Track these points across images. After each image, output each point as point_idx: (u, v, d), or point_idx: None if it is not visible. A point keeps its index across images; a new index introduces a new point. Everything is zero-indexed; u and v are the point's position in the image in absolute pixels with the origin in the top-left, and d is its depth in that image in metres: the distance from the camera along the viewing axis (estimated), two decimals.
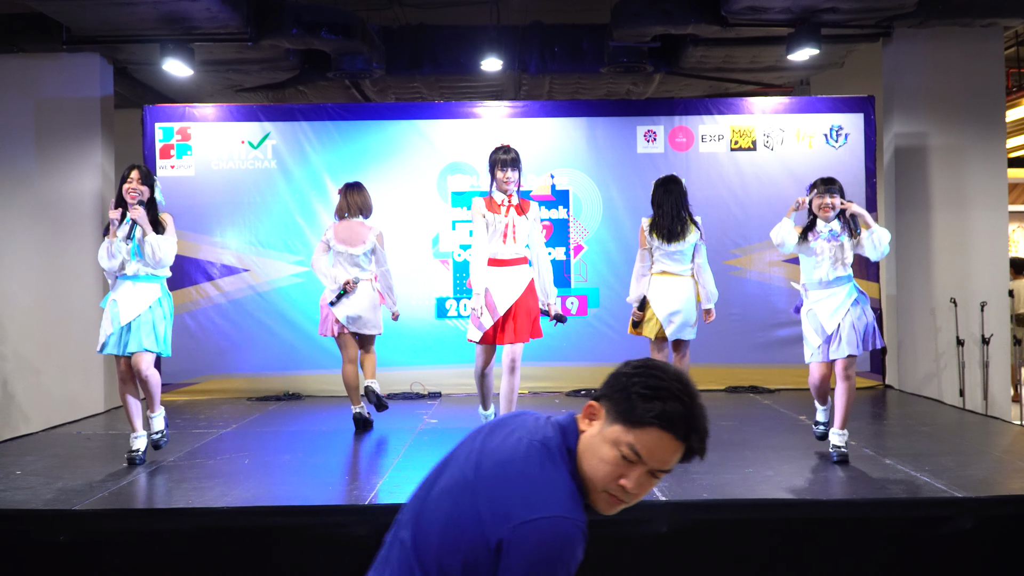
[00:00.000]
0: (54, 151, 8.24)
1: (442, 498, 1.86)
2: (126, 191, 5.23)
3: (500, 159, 5.46)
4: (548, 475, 1.81)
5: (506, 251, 5.55)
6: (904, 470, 4.77)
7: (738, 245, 8.39)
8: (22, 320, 8.19)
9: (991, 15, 7.72)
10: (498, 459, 1.85)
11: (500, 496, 1.79)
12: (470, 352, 8.06)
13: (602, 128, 8.52)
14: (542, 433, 1.88)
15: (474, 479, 1.84)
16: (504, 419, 1.97)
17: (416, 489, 1.92)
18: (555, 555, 1.74)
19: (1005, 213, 8.30)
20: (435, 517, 1.84)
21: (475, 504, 1.80)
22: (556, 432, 1.89)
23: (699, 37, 8.26)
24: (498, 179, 5.47)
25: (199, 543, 4.11)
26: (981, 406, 7.94)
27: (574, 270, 8.45)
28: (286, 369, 8.26)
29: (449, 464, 1.94)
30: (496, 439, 1.91)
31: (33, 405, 8.13)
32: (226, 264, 8.40)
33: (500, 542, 1.74)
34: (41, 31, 7.79)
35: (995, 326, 8.05)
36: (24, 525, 4.17)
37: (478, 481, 1.83)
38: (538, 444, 1.85)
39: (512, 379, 5.41)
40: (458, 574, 1.78)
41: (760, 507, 4.24)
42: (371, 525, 4.08)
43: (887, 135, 8.47)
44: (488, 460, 1.86)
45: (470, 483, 1.84)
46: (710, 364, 8.23)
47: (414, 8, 8.69)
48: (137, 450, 5.25)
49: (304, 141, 8.46)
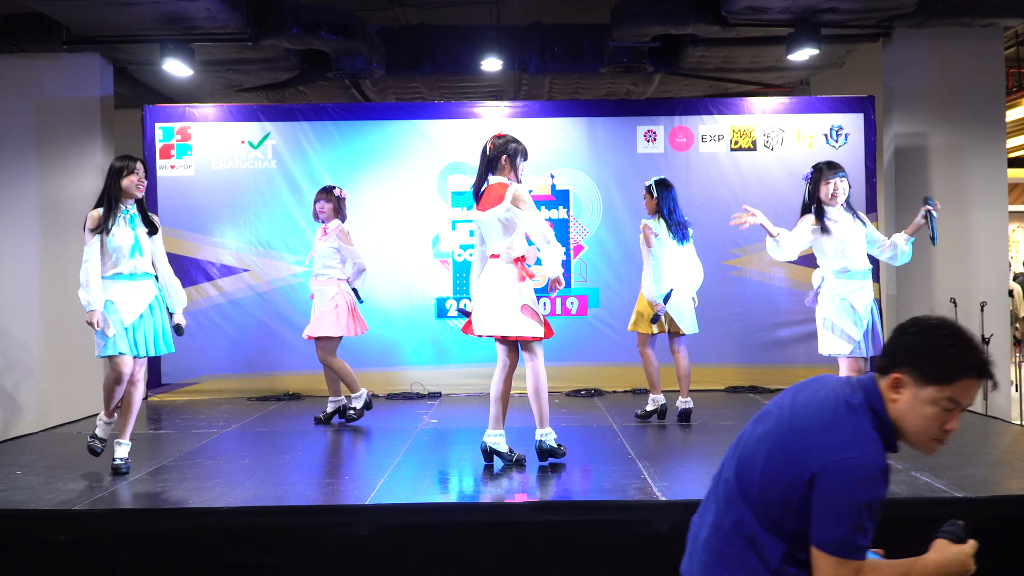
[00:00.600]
0: (54, 151, 8.24)
1: (760, 443, 2.25)
2: (135, 184, 5.02)
3: (522, 149, 5.19)
4: (854, 424, 2.17)
5: None
6: (904, 470, 4.77)
7: (738, 245, 8.39)
8: (22, 320, 8.19)
9: (991, 15, 7.72)
10: (810, 410, 2.22)
11: (814, 439, 2.16)
12: (470, 352, 8.14)
13: (602, 128, 8.52)
14: (847, 391, 2.24)
15: (789, 426, 2.22)
16: (810, 380, 2.34)
17: (735, 441, 2.32)
18: (860, 486, 2.11)
19: (1005, 213, 8.30)
20: (755, 459, 2.23)
21: (791, 445, 2.18)
22: (859, 391, 2.24)
23: (699, 37, 8.27)
24: (520, 169, 5.19)
25: (199, 543, 4.11)
26: (981, 406, 7.94)
27: (574, 270, 8.45)
28: (286, 369, 8.26)
29: (764, 418, 2.31)
30: (806, 394, 2.28)
31: (33, 405, 8.14)
32: (226, 264, 8.40)
33: (813, 476, 2.12)
34: (41, 31, 7.80)
35: (995, 326, 8.06)
36: (24, 525, 4.16)
37: (793, 427, 2.21)
38: (844, 399, 2.21)
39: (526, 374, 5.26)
40: (776, 503, 2.16)
41: None
42: (371, 525, 4.09)
43: (887, 135, 8.47)
44: (801, 410, 2.23)
45: (785, 429, 2.22)
46: (710, 364, 8.24)
47: (414, 8, 8.69)
48: (122, 459, 5.01)
49: (304, 141, 8.46)
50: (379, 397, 8.27)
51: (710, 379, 8.18)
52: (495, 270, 5.06)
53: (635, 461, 5.16)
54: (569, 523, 4.14)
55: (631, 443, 5.77)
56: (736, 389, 8.24)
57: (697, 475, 4.75)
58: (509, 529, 4.16)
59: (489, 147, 5.15)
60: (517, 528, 4.16)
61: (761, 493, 2.19)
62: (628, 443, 5.77)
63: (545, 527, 4.13)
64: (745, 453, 2.28)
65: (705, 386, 8.12)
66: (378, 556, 4.08)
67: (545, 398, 5.06)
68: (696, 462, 5.16)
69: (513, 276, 5.04)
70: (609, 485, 4.78)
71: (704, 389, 7.96)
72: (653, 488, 4.44)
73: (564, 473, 5.18)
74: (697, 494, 4.33)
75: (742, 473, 2.25)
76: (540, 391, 5.03)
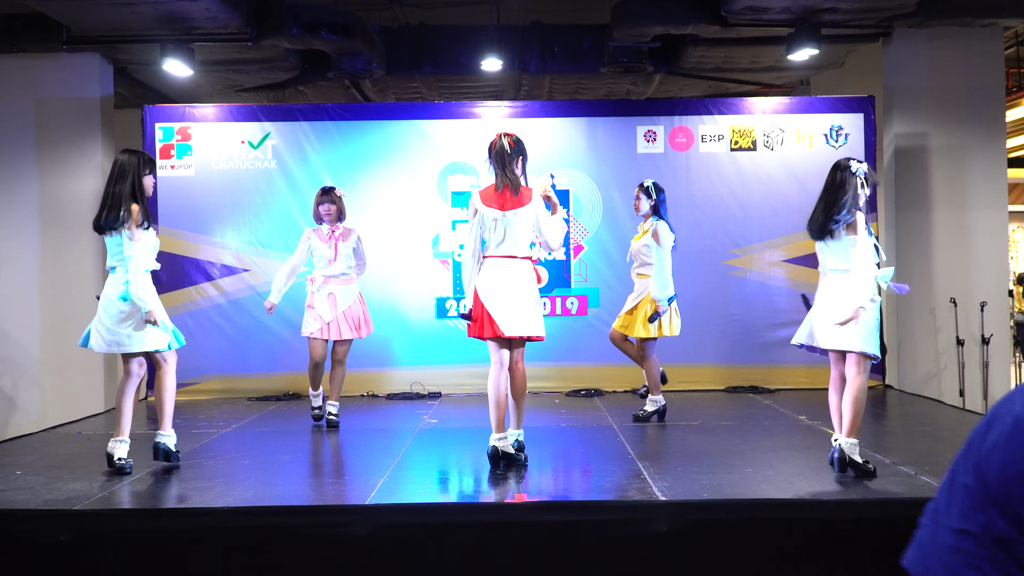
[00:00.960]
0: (54, 151, 8.24)
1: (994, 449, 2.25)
2: (152, 185, 5.07)
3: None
4: None
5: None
6: (904, 470, 4.77)
7: (738, 245, 8.39)
8: (22, 320, 8.19)
9: (991, 15, 7.72)
10: None
11: None
12: (470, 352, 8.13)
13: (602, 128, 8.52)
14: None
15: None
16: None
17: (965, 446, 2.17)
18: None
19: (1005, 213, 8.30)
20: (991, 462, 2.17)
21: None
22: None
23: (699, 37, 8.27)
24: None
25: (199, 543, 4.11)
26: (981, 406, 7.94)
27: (574, 270, 8.45)
28: (286, 369, 8.26)
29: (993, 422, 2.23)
30: None
31: (33, 405, 8.14)
32: (226, 264, 8.40)
33: None
34: (41, 31, 7.80)
35: (995, 326, 8.06)
36: (24, 525, 4.16)
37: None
38: None
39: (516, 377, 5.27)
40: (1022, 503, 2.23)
41: (760, 507, 4.23)
42: (371, 525, 4.09)
43: (887, 135, 8.47)
44: None
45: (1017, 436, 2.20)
46: (710, 364, 8.25)
47: (414, 8, 8.69)
48: (122, 459, 4.98)
49: (304, 141, 8.46)
50: (379, 397, 8.28)
51: (710, 379, 8.18)
52: (520, 270, 5.01)
53: (635, 461, 5.16)
54: (569, 523, 4.14)
55: (631, 443, 5.77)
56: (736, 389, 8.23)
57: (697, 475, 4.75)
58: (509, 529, 4.16)
59: (509, 145, 5.10)
60: (517, 528, 4.16)
61: (1007, 496, 2.25)
62: (628, 443, 5.77)
63: (545, 527, 4.12)
64: (980, 459, 2.38)
65: (705, 386, 8.12)
66: (378, 556, 4.08)
67: None
68: (696, 462, 5.16)
69: (534, 277, 5.09)
70: (609, 485, 4.78)
71: (704, 389, 7.96)
72: (653, 488, 4.44)
73: (564, 473, 5.19)
74: (697, 494, 4.35)
75: (981, 478, 2.32)
76: (525, 393, 5.13)
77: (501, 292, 4.96)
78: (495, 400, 4.95)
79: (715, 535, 4.13)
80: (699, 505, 4.21)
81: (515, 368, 5.03)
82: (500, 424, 4.98)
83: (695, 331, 8.01)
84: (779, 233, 8.37)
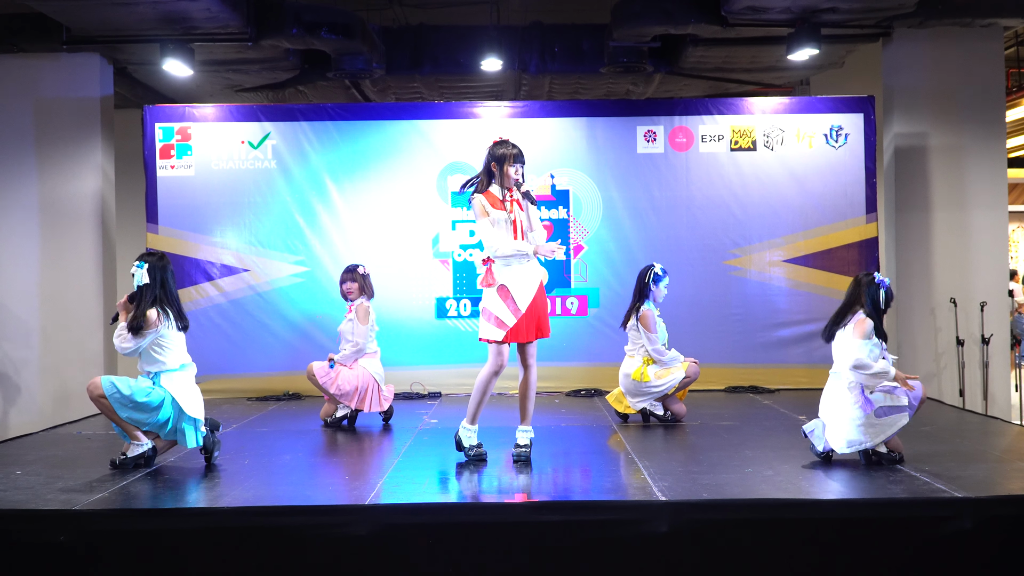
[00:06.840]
0: (54, 151, 8.25)
1: None
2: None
3: (509, 153, 5.16)
4: None
5: (517, 247, 5.40)
6: (904, 470, 4.77)
7: (738, 245, 8.39)
8: (22, 319, 8.19)
9: (991, 15, 7.73)
10: None
11: None
12: (470, 352, 8.12)
13: (602, 128, 8.52)
14: None
15: None
16: None
17: None
18: None
19: (1005, 213, 8.30)
20: None
21: None
22: None
23: (699, 37, 8.27)
24: (506, 174, 5.16)
25: (199, 543, 4.11)
26: (981, 406, 7.94)
27: (574, 270, 8.45)
28: (286, 369, 8.26)
29: None
30: None
31: (33, 405, 8.14)
32: (226, 264, 8.41)
33: None
34: (41, 31, 7.80)
35: (995, 326, 8.06)
36: (24, 525, 4.16)
37: None
38: None
39: (534, 375, 5.30)
40: None
41: (760, 507, 4.23)
42: (371, 525, 4.09)
43: (887, 135, 8.47)
44: None
45: None
46: (710, 364, 8.22)
47: (414, 8, 8.69)
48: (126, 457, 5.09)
49: (304, 141, 8.46)
50: None
51: (710, 379, 8.16)
52: (538, 270, 5.23)
53: (635, 461, 5.16)
54: (569, 523, 4.14)
55: (631, 443, 5.77)
56: (736, 389, 8.24)
57: (697, 475, 4.75)
58: (509, 529, 4.16)
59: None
60: (517, 528, 4.16)
61: None
62: (628, 443, 5.77)
63: (545, 527, 4.13)
64: None
65: (705, 386, 8.11)
66: (378, 556, 4.08)
67: None
68: (696, 462, 5.16)
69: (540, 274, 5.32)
70: (609, 485, 4.78)
71: (704, 389, 7.96)
72: (653, 488, 4.44)
73: (564, 473, 5.19)
74: (697, 494, 4.35)
75: None
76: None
77: (535, 292, 5.19)
78: (485, 395, 5.20)
79: (715, 535, 4.13)
80: (699, 505, 4.21)
81: (534, 366, 5.23)
82: (476, 416, 5.26)
83: (695, 331, 8.02)
84: (779, 233, 8.37)
